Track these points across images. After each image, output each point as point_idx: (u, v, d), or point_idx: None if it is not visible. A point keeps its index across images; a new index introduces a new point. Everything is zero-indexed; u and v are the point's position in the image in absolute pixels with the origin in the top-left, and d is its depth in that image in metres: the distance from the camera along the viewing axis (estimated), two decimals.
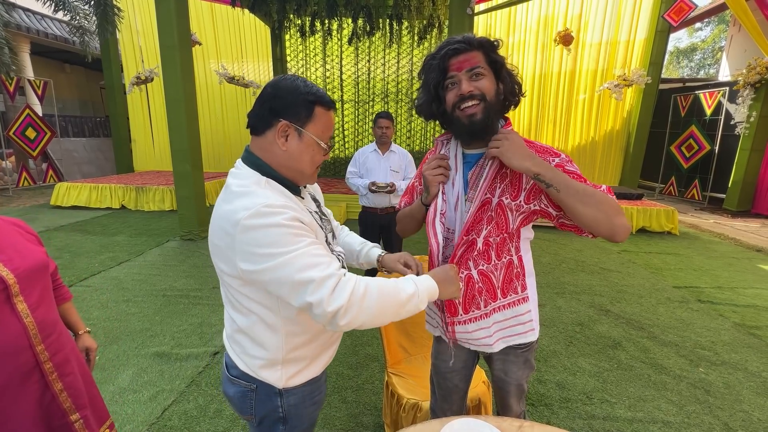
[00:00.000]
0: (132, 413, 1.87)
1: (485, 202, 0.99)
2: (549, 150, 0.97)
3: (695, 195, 7.63)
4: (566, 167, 0.94)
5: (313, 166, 0.88)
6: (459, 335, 1.10)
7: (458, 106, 0.96)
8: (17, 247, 0.97)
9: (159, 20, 4.29)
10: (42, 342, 0.94)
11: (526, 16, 7.73)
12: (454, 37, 0.97)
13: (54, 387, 0.96)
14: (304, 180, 0.90)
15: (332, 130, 0.90)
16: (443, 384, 1.22)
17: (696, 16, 10.41)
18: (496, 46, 0.97)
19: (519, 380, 1.13)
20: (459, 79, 0.95)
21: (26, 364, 0.92)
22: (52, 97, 8.27)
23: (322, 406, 1.05)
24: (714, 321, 2.91)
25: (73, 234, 4.93)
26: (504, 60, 0.98)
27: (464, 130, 0.99)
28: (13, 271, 0.92)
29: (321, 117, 0.86)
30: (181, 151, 4.57)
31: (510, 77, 0.99)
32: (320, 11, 6.34)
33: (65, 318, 1.20)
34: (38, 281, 0.98)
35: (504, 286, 1.05)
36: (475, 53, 0.95)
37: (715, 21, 20.65)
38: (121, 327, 2.66)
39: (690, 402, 2.01)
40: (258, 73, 8.93)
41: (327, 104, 0.86)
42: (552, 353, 2.44)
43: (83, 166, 9.78)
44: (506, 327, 1.08)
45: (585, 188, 0.89)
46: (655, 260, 4.33)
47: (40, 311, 0.95)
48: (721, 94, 7.17)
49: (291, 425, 0.96)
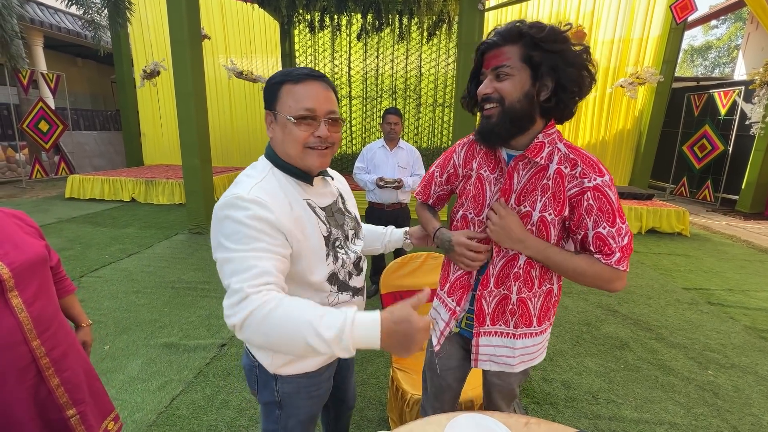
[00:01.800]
0: (141, 402, 1.90)
1: (525, 215, 0.92)
2: (595, 165, 0.87)
3: (707, 196, 7.50)
4: (607, 191, 0.86)
5: (298, 144, 0.84)
6: (483, 349, 1.03)
7: (481, 105, 0.93)
8: (15, 241, 0.96)
9: (170, 15, 4.32)
10: (38, 337, 0.93)
11: (537, 12, 7.63)
12: (499, 27, 0.89)
13: (50, 382, 0.95)
14: (303, 163, 0.87)
15: (310, 99, 0.83)
16: (436, 381, 1.18)
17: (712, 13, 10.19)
18: (543, 37, 0.82)
19: (511, 385, 1.10)
20: (485, 77, 0.91)
21: (21, 359, 0.91)
22: (64, 90, 8.38)
23: (323, 403, 1.04)
24: (724, 324, 2.87)
25: (85, 226, 5.01)
26: (551, 55, 0.82)
27: (480, 130, 0.94)
28: (9, 265, 0.90)
29: (289, 92, 0.84)
30: (190, 145, 4.61)
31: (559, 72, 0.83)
32: (329, 6, 6.33)
33: (67, 311, 1.19)
34: (35, 275, 0.96)
35: (541, 315, 1.01)
36: (506, 48, 0.86)
37: (731, 18, 20.18)
38: (131, 317, 2.70)
39: (698, 404, 1.99)
40: (266, 68, 8.95)
41: (296, 78, 0.83)
42: (558, 352, 2.43)
43: (94, 159, 9.91)
44: (532, 353, 1.04)
45: (575, 268, 0.89)
46: (665, 261, 4.27)
47: (36, 306, 0.94)
48: (736, 94, 7.02)
49: (287, 413, 0.97)
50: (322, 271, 0.88)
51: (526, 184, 0.92)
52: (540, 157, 0.90)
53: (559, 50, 0.83)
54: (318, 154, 0.87)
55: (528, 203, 0.91)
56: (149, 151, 9.42)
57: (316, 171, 0.90)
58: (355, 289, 1.00)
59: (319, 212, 0.90)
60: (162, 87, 8.77)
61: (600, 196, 0.85)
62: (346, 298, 0.96)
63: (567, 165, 0.88)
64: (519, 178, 0.92)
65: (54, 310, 1.02)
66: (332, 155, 0.92)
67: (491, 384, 1.12)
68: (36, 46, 8.58)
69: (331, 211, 0.95)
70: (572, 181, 0.88)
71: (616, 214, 0.86)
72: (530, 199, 0.91)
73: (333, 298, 0.93)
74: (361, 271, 1.03)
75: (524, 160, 0.92)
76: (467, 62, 4.40)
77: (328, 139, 0.87)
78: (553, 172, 0.89)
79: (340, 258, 0.92)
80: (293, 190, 0.87)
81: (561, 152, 0.90)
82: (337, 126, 0.89)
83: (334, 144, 0.90)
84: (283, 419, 0.98)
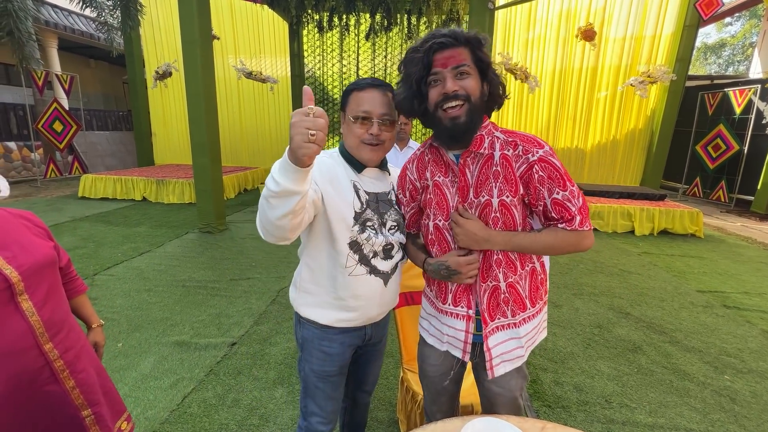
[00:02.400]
0: (154, 399, 1.92)
1: (486, 204, 0.96)
2: (533, 140, 0.95)
3: (721, 197, 7.35)
4: (551, 158, 0.92)
5: (356, 139, 1.04)
6: (494, 351, 1.02)
7: (441, 105, 0.92)
8: (22, 243, 0.93)
9: (181, 16, 4.36)
10: (50, 340, 0.92)
11: (547, 10, 7.54)
12: (439, 29, 0.93)
13: (65, 384, 0.95)
14: (359, 155, 1.07)
15: (366, 103, 1.02)
16: (431, 387, 1.19)
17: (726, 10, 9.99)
18: (483, 43, 0.93)
19: (513, 392, 1.06)
20: (444, 77, 0.91)
21: (34, 363, 0.90)
22: (77, 91, 8.53)
23: (335, 368, 1.15)
24: (740, 327, 2.81)
25: (97, 224, 5.09)
26: (490, 59, 0.95)
27: (446, 133, 0.95)
28: (17, 269, 0.88)
29: (354, 98, 1.04)
30: (200, 145, 4.65)
31: (495, 77, 0.96)
32: (338, 6, 6.33)
33: (78, 311, 1.18)
34: (45, 278, 0.94)
35: (531, 295, 1.03)
36: (461, 50, 0.90)
37: (746, 15, 19.75)
38: (143, 315, 2.74)
39: (714, 410, 1.95)
40: (275, 68, 9.00)
41: (359, 87, 1.04)
42: (569, 355, 2.40)
43: (106, 159, 10.07)
44: (534, 336, 1.06)
45: (545, 245, 0.95)
46: (678, 263, 4.20)
47: (46, 309, 0.92)
48: (752, 92, 6.87)
49: (304, 357, 1.17)
50: (345, 234, 1.04)
51: (478, 176, 0.97)
52: (483, 148, 0.97)
53: (488, 60, 0.95)
54: (370, 149, 1.05)
55: (485, 192, 0.96)
56: (160, 151, 9.54)
57: (370, 164, 1.09)
58: (375, 269, 1.09)
59: (362, 194, 1.07)
60: (172, 87, 8.88)
61: (546, 166, 0.92)
62: (362, 270, 1.07)
63: (509, 148, 0.95)
64: (471, 172, 0.98)
65: (65, 312, 1.00)
66: (385, 151, 1.09)
67: (493, 394, 1.08)
68: (51, 48, 8.75)
69: (376, 198, 1.10)
70: (518, 160, 0.94)
71: (565, 178, 0.92)
72: (486, 188, 0.96)
73: (350, 264, 1.06)
74: (391, 258, 1.12)
75: (471, 155, 0.98)
76: None
77: (379, 136, 1.03)
78: (498, 158, 0.95)
79: (367, 233, 1.05)
80: (344, 170, 1.07)
81: (500, 139, 0.97)
82: (390, 126, 1.06)
83: (386, 141, 1.06)
84: (303, 362, 1.17)
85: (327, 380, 1.16)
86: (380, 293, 1.12)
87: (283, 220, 0.81)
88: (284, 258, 3.92)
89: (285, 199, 0.79)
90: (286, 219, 0.81)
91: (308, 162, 0.75)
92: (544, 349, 2.44)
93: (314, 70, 8.81)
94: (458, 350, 1.07)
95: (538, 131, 8.14)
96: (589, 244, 0.96)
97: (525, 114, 8.16)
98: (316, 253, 1.09)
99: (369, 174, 1.11)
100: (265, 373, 2.14)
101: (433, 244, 1.07)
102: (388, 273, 1.12)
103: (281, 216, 0.81)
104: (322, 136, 0.73)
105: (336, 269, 1.06)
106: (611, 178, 7.88)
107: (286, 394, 1.97)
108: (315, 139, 0.72)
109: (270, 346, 2.40)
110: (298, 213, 0.83)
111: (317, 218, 1.04)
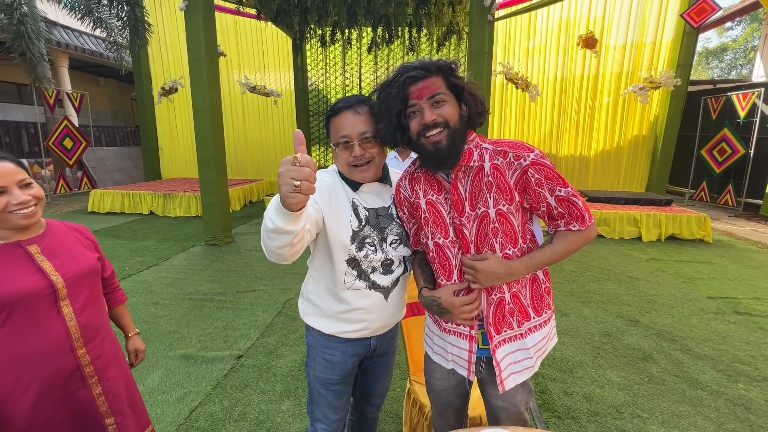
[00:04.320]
0: (161, 413, 1.93)
1: (483, 215, 0.97)
2: (522, 146, 0.96)
3: (729, 201, 7.28)
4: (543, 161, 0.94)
5: (344, 164, 1.07)
6: (503, 363, 1.01)
7: (423, 134, 0.95)
8: (71, 253, 1.02)
9: (188, 34, 4.48)
10: (84, 346, 0.97)
11: (546, 20, 7.63)
12: (410, 63, 0.96)
13: (93, 390, 0.99)
14: (351, 177, 1.09)
15: (343, 128, 1.04)
16: (438, 401, 1.19)
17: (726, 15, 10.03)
18: (455, 68, 0.96)
19: (518, 406, 1.05)
20: (421, 107, 0.94)
21: (68, 367, 0.95)
22: (87, 108, 8.73)
23: (337, 376, 1.15)
24: (753, 334, 2.75)
25: (106, 238, 5.15)
26: (464, 82, 0.97)
27: (431, 158, 0.97)
28: (63, 276, 0.96)
29: (332, 125, 1.07)
30: (206, 159, 4.72)
31: (473, 98, 0.98)
32: (341, 21, 6.46)
33: (118, 320, 1.24)
34: (86, 285, 1.02)
35: (534, 304, 1.03)
36: (434, 79, 0.93)
37: (746, 20, 19.79)
38: (151, 329, 2.75)
39: (729, 419, 1.90)
40: (279, 82, 9.15)
41: (335, 112, 1.06)
42: (578, 364, 2.37)
43: (114, 174, 10.24)
44: (544, 345, 1.06)
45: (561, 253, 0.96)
46: (687, 269, 4.14)
47: (84, 315, 0.99)
48: (755, 96, 6.85)
49: (309, 362, 1.20)
50: (342, 252, 1.06)
51: (471, 188, 0.98)
52: (472, 161, 0.98)
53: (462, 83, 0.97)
54: (359, 170, 1.07)
55: (481, 204, 0.97)
56: (167, 165, 9.68)
57: (366, 181, 1.10)
58: (375, 283, 1.10)
59: (361, 211, 1.08)
60: (178, 103, 9.05)
61: (541, 168, 0.93)
62: (361, 285, 1.09)
63: (499, 157, 0.96)
64: (463, 186, 0.99)
65: (102, 320, 1.07)
66: (377, 167, 1.09)
67: (497, 409, 1.08)
68: (62, 68, 8.99)
69: (377, 213, 1.11)
70: (510, 167, 0.95)
71: (561, 177, 0.94)
72: (481, 199, 0.97)
73: (349, 279, 1.09)
74: (390, 273, 1.12)
75: (461, 170, 0.99)
76: (478, 71, 4.43)
77: (364, 156, 1.05)
78: (489, 169, 0.96)
79: (365, 250, 1.07)
80: (342, 189, 1.10)
81: (489, 150, 0.98)
82: (371, 143, 1.06)
83: (374, 158, 1.06)
84: (308, 367, 1.20)
85: (330, 388, 1.17)
86: (381, 307, 1.13)
87: (282, 249, 0.86)
88: (290, 270, 3.94)
89: (281, 236, 0.83)
90: (285, 249, 0.86)
91: (298, 208, 0.77)
92: (552, 359, 2.42)
93: (317, 84, 8.95)
94: (463, 369, 1.07)
95: (541, 139, 8.16)
96: (596, 233, 0.99)
97: (528, 122, 8.19)
98: (319, 266, 1.13)
99: (368, 189, 1.12)
100: (272, 386, 2.13)
101: (434, 261, 1.08)
102: (388, 287, 1.13)
103: (279, 246, 0.85)
104: (308, 185, 0.72)
105: (336, 284, 1.09)
106: (616, 184, 7.84)
107: (293, 407, 1.96)
108: (300, 189, 0.72)
109: (276, 358, 2.40)
110: (296, 244, 0.87)
111: (319, 235, 1.07)
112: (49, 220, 1.07)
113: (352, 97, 1.07)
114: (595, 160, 7.95)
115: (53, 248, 0.99)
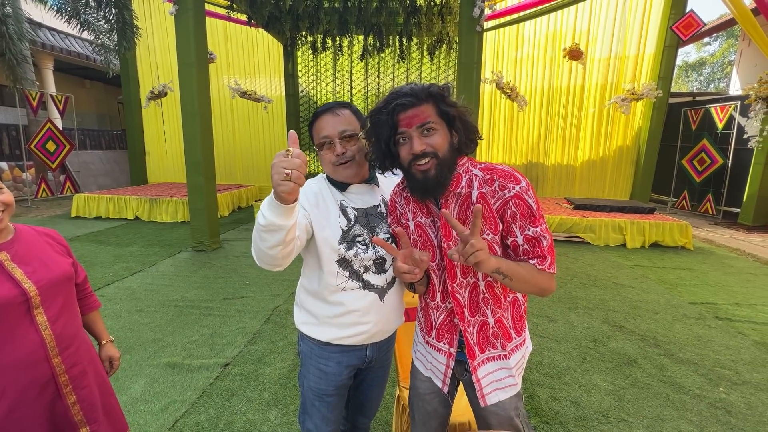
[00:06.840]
0: (144, 423, 1.87)
1: None
2: (510, 176, 0.93)
3: (709, 209, 7.50)
4: (525, 196, 0.92)
5: (328, 164, 1.10)
6: (484, 381, 1.03)
7: (412, 163, 0.94)
8: (44, 259, 0.98)
9: (178, 39, 4.45)
10: (59, 354, 0.95)
11: (534, 31, 7.83)
12: (401, 88, 0.94)
13: (67, 399, 0.96)
14: (337, 177, 1.11)
15: (323, 129, 1.08)
16: (422, 407, 1.16)
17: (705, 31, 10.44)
18: (447, 94, 0.94)
19: (507, 410, 1.04)
20: (410, 136, 0.93)
21: (42, 376, 0.92)
22: (72, 111, 8.56)
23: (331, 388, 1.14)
24: (733, 339, 2.83)
25: (89, 244, 5.03)
26: (456, 109, 0.95)
27: (419, 187, 0.96)
28: (36, 283, 0.92)
29: (314, 129, 1.11)
30: (195, 164, 4.67)
31: (464, 124, 0.96)
32: (332, 28, 6.51)
33: (90, 327, 1.20)
34: (60, 293, 0.99)
35: (515, 325, 1.05)
36: (424, 107, 0.92)
37: (723, 36, 20.64)
38: (134, 337, 2.69)
39: (711, 423, 1.95)
40: (270, 87, 9.14)
41: (315, 117, 1.10)
42: (566, 370, 2.39)
43: (99, 178, 10.02)
44: (522, 364, 1.07)
45: (527, 276, 0.91)
46: (670, 275, 4.24)
47: (59, 323, 0.96)
48: (732, 108, 7.12)
49: (303, 372, 1.19)
50: (332, 252, 1.07)
51: (458, 215, 0.98)
52: (461, 187, 0.97)
53: (454, 111, 0.95)
54: (343, 168, 1.08)
55: None
56: (153, 170, 9.53)
57: (353, 180, 1.11)
58: (369, 283, 1.10)
59: (349, 211, 1.10)
60: (167, 107, 8.95)
61: (520, 203, 0.92)
62: (354, 286, 1.09)
63: (486, 186, 0.95)
64: (451, 212, 0.98)
65: (76, 327, 1.03)
66: (359, 165, 1.10)
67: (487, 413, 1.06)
68: (46, 69, 8.82)
69: (365, 213, 1.12)
70: (494, 196, 0.94)
71: (537, 215, 0.92)
72: (467, 226, 0.94)
73: (341, 281, 1.09)
74: (384, 272, 1.12)
75: (450, 195, 0.98)
76: (467, 81, 4.50)
77: (345, 153, 1.07)
78: (476, 197, 0.95)
79: (355, 249, 1.07)
80: (330, 192, 1.11)
81: (479, 177, 0.96)
82: (352, 140, 1.08)
83: (355, 155, 1.08)
84: (302, 377, 1.19)
85: (323, 399, 1.15)
86: (377, 309, 1.12)
87: (274, 249, 0.88)
88: (278, 276, 3.90)
89: (273, 233, 0.85)
90: (277, 249, 0.88)
91: (290, 198, 0.81)
92: (540, 365, 2.44)
93: (308, 90, 8.97)
94: (439, 380, 1.09)
95: (529, 147, 8.30)
96: (553, 289, 0.95)
97: (516, 131, 8.34)
98: (310, 272, 1.13)
99: (355, 190, 1.13)
100: (259, 395, 2.10)
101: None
102: (383, 287, 1.12)
103: (272, 246, 0.87)
104: (298, 174, 0.77)
105: (328, 287, 1.09)
106: (601, 192, 8.02)
107: (281, 416, 1.93)
108: (291, 177, 0.77)
109: (264, 366, 2.36)
110: (288, 243, 0.89)
111: (309, 241, 1.08)
112: (18, 225, 1.03)
113: (331, 102, 1.11)
114: (581, 168, 8.12)
115: (24, 255, 0.96)
